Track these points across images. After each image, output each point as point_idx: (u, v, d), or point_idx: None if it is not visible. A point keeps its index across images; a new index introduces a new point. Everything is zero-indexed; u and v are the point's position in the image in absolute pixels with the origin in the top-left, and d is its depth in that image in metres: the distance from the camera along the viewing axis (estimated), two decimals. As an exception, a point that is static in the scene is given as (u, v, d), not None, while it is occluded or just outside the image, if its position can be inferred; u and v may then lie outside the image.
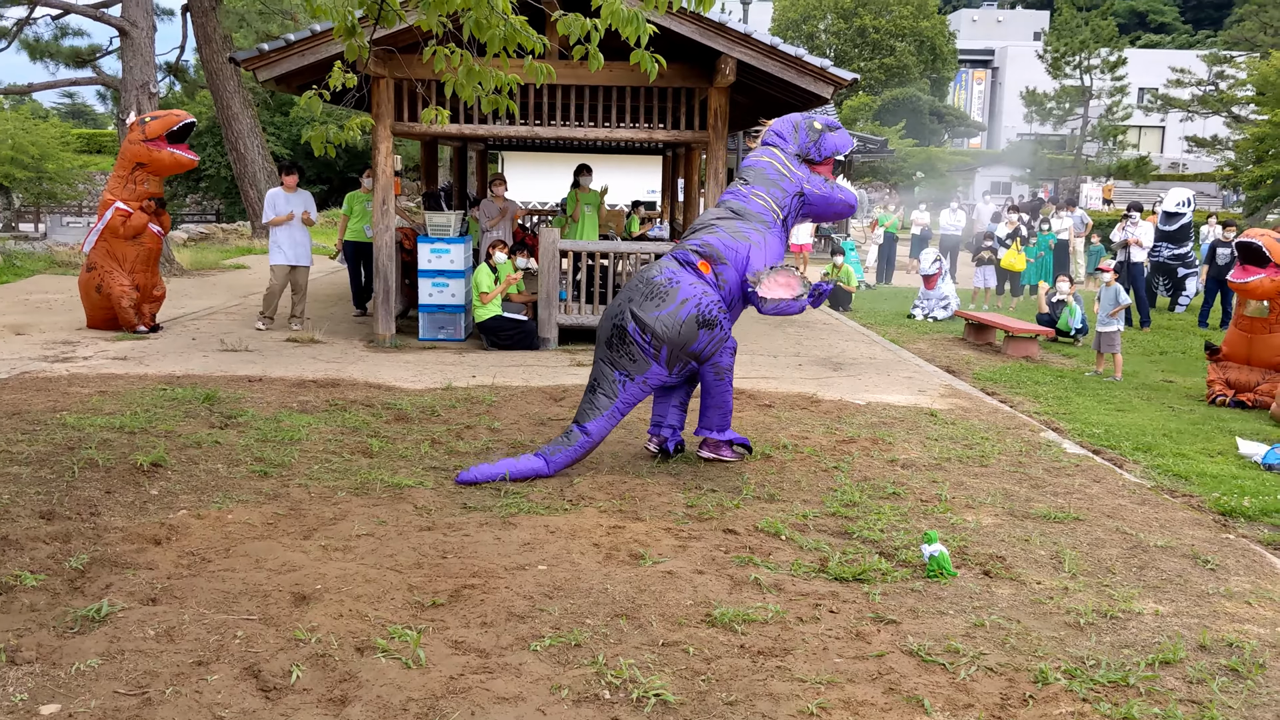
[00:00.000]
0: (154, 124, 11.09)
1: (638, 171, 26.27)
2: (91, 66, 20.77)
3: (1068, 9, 43.98)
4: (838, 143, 7.05)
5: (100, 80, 19.95)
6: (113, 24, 17.35)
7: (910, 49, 57.42)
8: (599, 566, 4.95)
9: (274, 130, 33.37)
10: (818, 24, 57.67)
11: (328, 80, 6.66)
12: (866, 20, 55.94)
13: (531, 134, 11.22)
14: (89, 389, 8.27)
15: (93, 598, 4.31)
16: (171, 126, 11.08)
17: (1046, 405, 9.56)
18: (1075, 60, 42.10)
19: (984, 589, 4.88)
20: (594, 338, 11.79)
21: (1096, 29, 41.66)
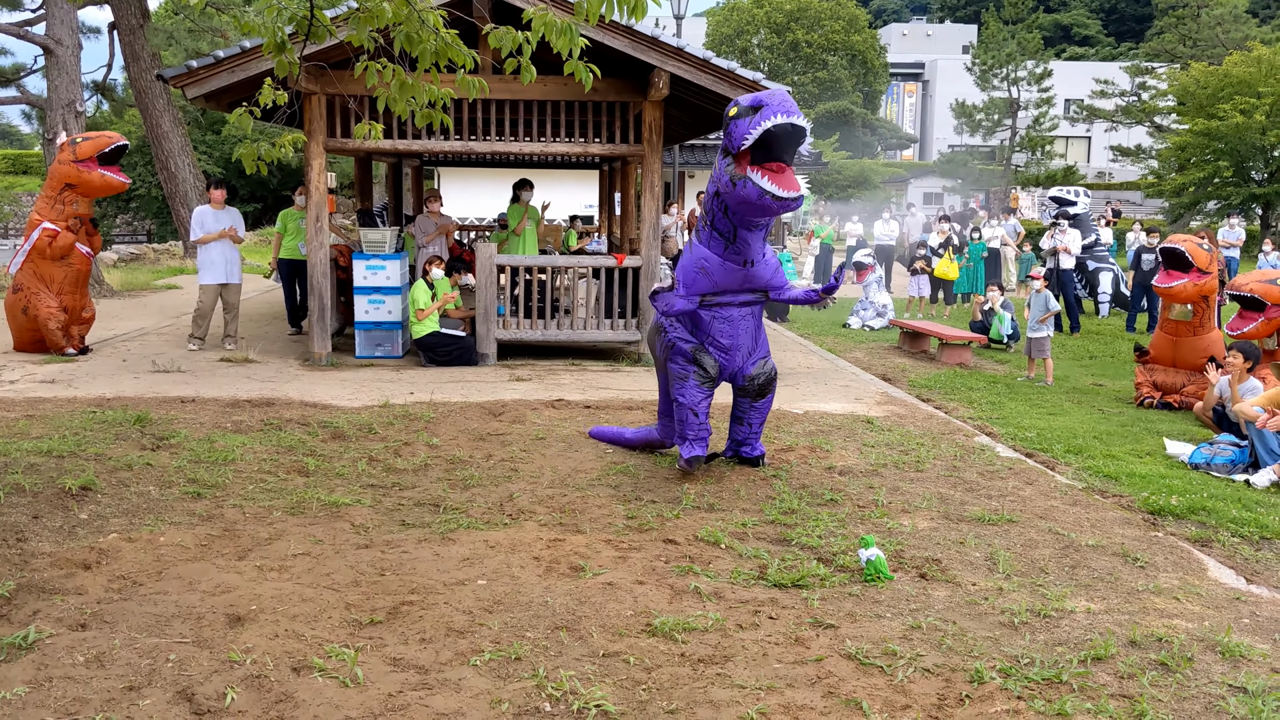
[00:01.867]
0: (85, 145, 10.90)
1: (574, 186, 26.27)
2: (15, 85, 20.33)
3: (994, 23, 44.78)
4: (747, 127, 6.02)
5: (25, 100, 19.53)
6: (36, 42, 17.02)
7: (842, 63, 58.20)
8: (539, 580, 4.94)
9: (205, 149, 32.94)
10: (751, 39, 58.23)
11: (258, 97, 6.60)
12: (799, 35, 56.62)
13: (466, 149, 11.17)
14: (15, 413, 8.08)
15: (19, 625, 4.21)
16: (103, 148, 10.90)
17: (980, 410, 9.71)
18: (1003, 73, 42.84)
19: (920, 591, 4.94)
20: (530, 353, 11.81)
21: (1023, 42, 42.44)
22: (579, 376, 10.60)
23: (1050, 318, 11.57)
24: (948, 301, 18.22)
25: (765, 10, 57.85)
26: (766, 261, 6.79)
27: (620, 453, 7.43)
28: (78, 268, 11.11)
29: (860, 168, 48.62)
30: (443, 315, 11.20)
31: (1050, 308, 11.55)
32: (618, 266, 11.47)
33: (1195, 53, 40.08)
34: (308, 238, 11.23)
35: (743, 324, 6.90)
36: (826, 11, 57.86)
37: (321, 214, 11.06)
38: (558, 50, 5.81)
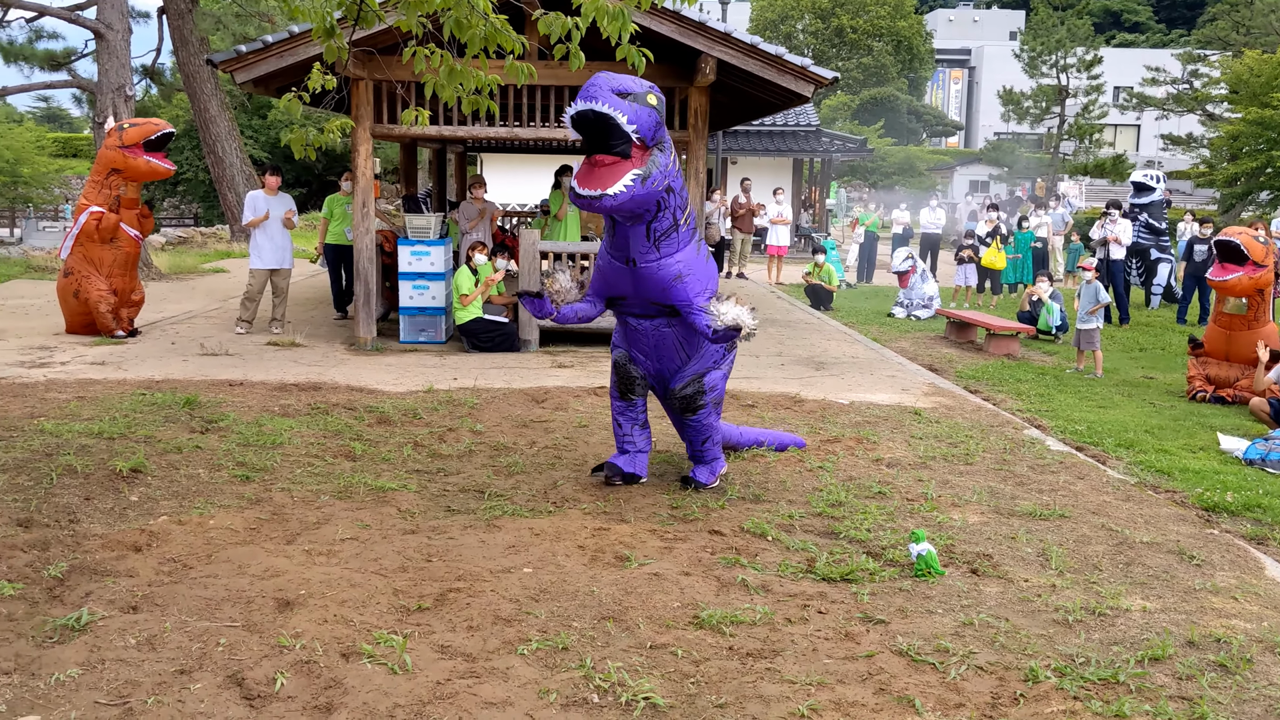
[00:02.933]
0: (132, 131, 11.00)
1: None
2: (67, 70, 20.59)
3: (1043, 9, 44.15)
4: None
5: (75, 84, 19.76)
6: (88, 27, 17.19)
7: (887, 49, 57.64)
8: (585, 569, 4.91)
9: (252, 133, 33.17)
10: (795, 24, 57.82)
11: (307, 82, 6.61)
12: (844, 20, 56.11)
13: (511, 135, 11.16)
14: (67, 394, 8.18)
15: (72, 606, 4.25)
16: (150, 135, 10.98)
17: (1029, 403, 9.59)
18: (1051, 59, 42.24)
19: (972, 587, 4.87)
20: (574, 339, 11.78)
21: (1072, 28, 41.84)
22: (622, 364, 10.56)
23: (1100, 309, 11.39)
24: (994, 291, 18.00)
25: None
26: (662, 266, 5.78)
27: (663, 441, 7.39)
28: (126, 250, 11.22)
29: (905, 155, 48.20)
30: (486, 301, 11.21)
31: (1100, 299, 11.37)
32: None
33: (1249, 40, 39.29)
34: (354, 223, 11.27)
35: (655, 335, 6.11)
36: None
37: (368, 200, 11.09)
38: (607, 35, 5.76)
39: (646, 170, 5.49)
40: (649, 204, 5.60)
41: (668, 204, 5.71)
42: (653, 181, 5.51)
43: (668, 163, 5.64)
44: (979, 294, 17.86)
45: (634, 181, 5.41)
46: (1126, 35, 71.43)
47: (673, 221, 5.78)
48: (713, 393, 6.17)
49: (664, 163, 5.59)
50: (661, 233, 5.75)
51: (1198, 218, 17.86)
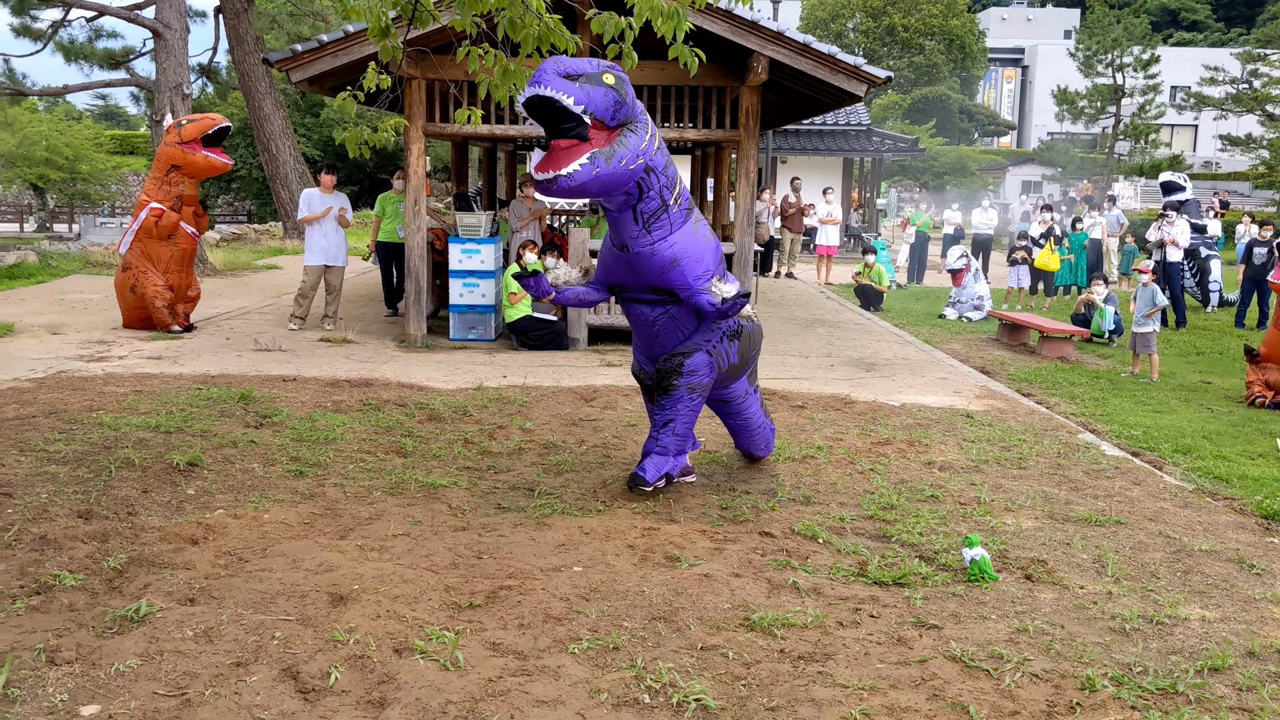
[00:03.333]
0: (190, 127, 11.15)
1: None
2: (125, 68, 20.93)
3: (1100, 7, 43.54)
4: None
5: (134, 82, 20.08)
6: (147, 26, 17.47)
7: (939, 47, 57.14)
8: (635, 568, 4.91)
9: (304, 131, 33.54)
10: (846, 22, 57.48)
11: (362, 81, 6.66)
12: (895, 19, 55.69)
13: (562, 134, 11.18)
14: (125, 388, 8.31)
15: (131, 598, 4.31)
16: (207, 130, 11.13)
17: (1083, 406, 9.46)
18: (1107, 58, 41.64)
19: (1026, 593, 4.81)
20: (623, 338, 11.79)
21: (1129, 27, 41.21)
22: (671, 363, 10.55)
23: (1157, 312, 11.21)
24: (1048, 293, 17.79)
25: (861, -6, 57.00)
26: (656, 250, 5.68)
27: (713, 441, 7.38)
28: (183, 247, 11.38)
29: (957, 154, 47.75)
30: (535, 300, 11.24)
31: (1157, 302, 11.20)
32: (712, 253, 11.38)
33: (1311, 39, 38.52)
34: (405, 221, 11.36)
35: (659, 324, 5.96)
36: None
37: (420, 198, 11.17)
38: (661, 35, 5.76)
39: (610, 150, 5.30)
40: (623, 185, 5.46)
41: (650, 184, 5.58)
42: (620, 160, 5.33)
43: (640, 142, 5.47)
44: (1031, 296, 17.65)
45: (590, 160, 5.24)
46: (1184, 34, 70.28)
47: (660, 202, 5.66)
48: (691, 376, 5.87)
49: (635, 143, 5.43)
50: (650, 214, 5.64)
51: (1257, 220, 17.53)
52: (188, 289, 11.57)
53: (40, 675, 3.66)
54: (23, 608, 4.19)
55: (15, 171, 32.93)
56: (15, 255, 17.19)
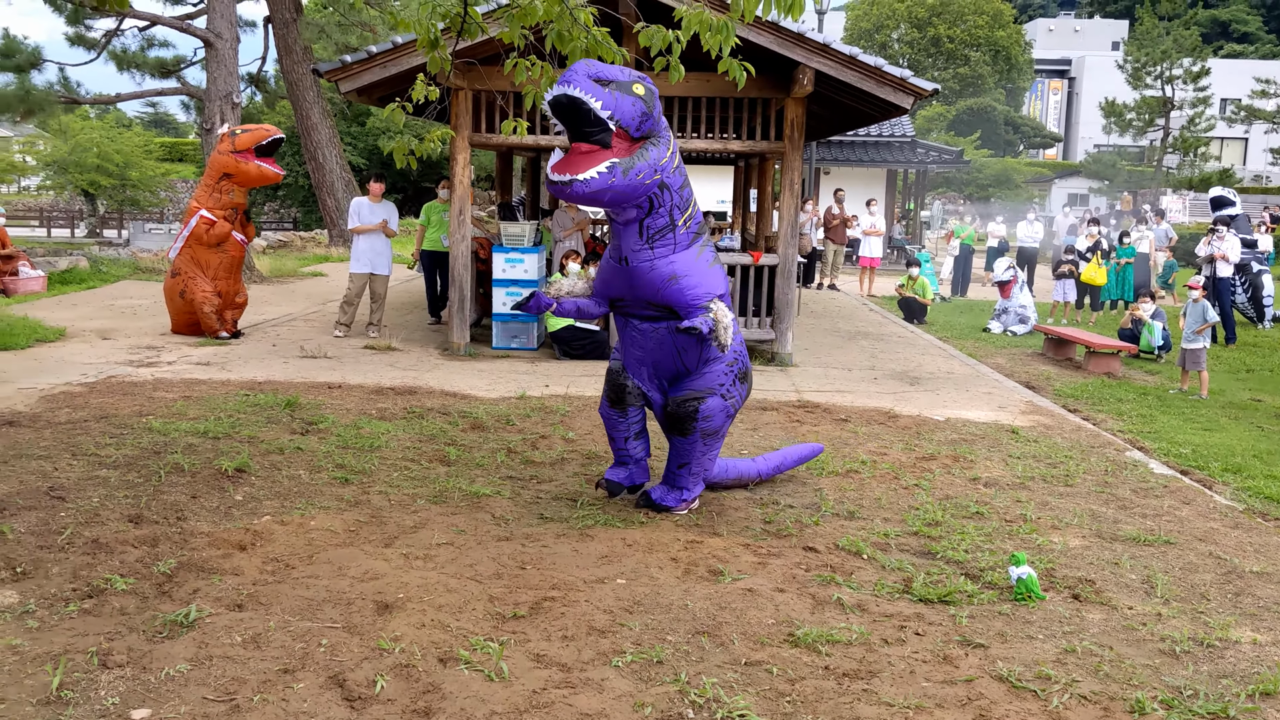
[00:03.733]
0: (244, 137, 11.29)
1: (708, 181, 26.20)
2: (176, 77, 21.23)
3: (1149, 18, 43.12)
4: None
5: (184, 90, 20.38)
6: (198, 35, 17.74)
7: (985, 58, 56.80)
8: (678, 582, 4.91)
9: (350, 140, 33.88)
10: (890, 33, 57.28)
11: (410, 92, 6.73)
12: (941, 30, 55.43)
13: (607, 144, 11.22)
14: (173, 394, 8.42)
15: (181, 602, 4.37)
16: (261, 140, 11.27)
17: (1131, 424, 9.34)
18: (1156, 71, 41.25)
19: (1074, 613, 4.75)
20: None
21: (1179, 39, 40.77)
22: (713, 374, 10.53)
23: (1207, 329, 11.06)
24: (1094, 308, 17.60)
25: (906, 4, 56.81)
26: (655, 265, 5.59)
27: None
28: (232, 254, 11.52)
29: (1002, 166, 47.42)
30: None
31: (1208, 318, 11.04)
32: (753, 264, 11.39)
33: (1367, 51, 37.87)
34: (450, 230, 11.44)
35: (653, 338, 5.84)
36: (970, 6, 56.54)
37: (465, 207, 11.24)
38: (708, 48, 5.77)
39: (630, 162, 5.23)
40: (635, 199, 5.40)
41: (662, 201, 5.52)
42: (638, 174, 5.27)
43: (659, 158, 5.41)
44: (1077, 310, 17.47)
45: (609, 170, 5.16)
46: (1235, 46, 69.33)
47: (669, 221, 5.59)
48: (706, 422, 5.81)
49: (656, 157, 5.37)
50: (656, 231, 5.57)
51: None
52: (235, 295, 11.71)
53: (93, 678, 3.71)
54: (75, 610, 4.26)
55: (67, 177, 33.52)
56: (68, 261, 17.48)
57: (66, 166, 32.91)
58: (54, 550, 4.88)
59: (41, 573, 4.63)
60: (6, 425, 7.15)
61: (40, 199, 43.25)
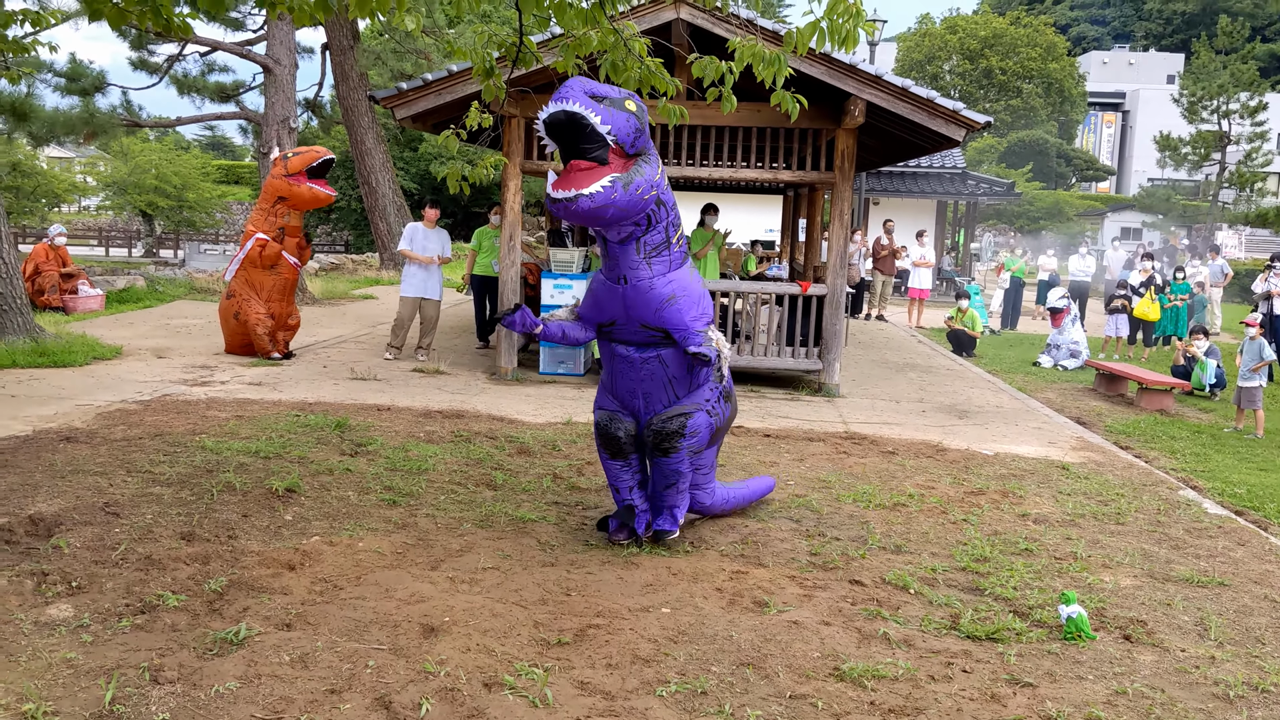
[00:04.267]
0: (295, 160, 11.48)
1: (756, 210, 26.24)
2: (235, 101, 21.64)
3: (1205, 52, 42.71)
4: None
5: (243, 115, 20.75)
6: (258, 61, 18.07)
7: (1037, 91, 56.49)
8: (723, 612, 4.89)
9: (403, 165, 34.31)
10: (942, 64, 57.15)
11: (465, 119, 6.82)
12: (993, 61, 55.22)
13: (657, 173, 11.28)
14: (226, 413, 8.54)
15: (231, 620, 4.42)
16: (312, 162, 11.45)
17: (1184, 462, 9.20)
18: (1212, 105, 40.79)
19: (1125, 654, 4.68)
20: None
21: (1236, 73, 40.31)
22: (757, 404, 10.53)
23: (1264, 367, 10.88)
24: (1146, 343, 17.37)
25: (958, 36, 56.71)
26: (654, 285, 5.50)
27: (802, 485, 7.32)
28: (285, 277, 11.69)
29: (1054, 199, 47.06)
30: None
31: (1264, 356, 10.87)
32: (802, 294, 11.37)
33: None
34: (500, 256, 11.53)
35: (645, 369, 5.71)
36: (1023, 38, 56.31)
37: (515, 233, 11.34)
38: (761, 79, 5.80)
39: (629, 177, 5.19)
40: (635, 214, 5.34)
41: (659, 218, 5.49)
42: (637, 189, 5.23)
43: (654, 174, 5.38)
44: (1130, 346, 17.25)
45: (611, 184, 5.10)
46: (1294, 80, 68.38)
47: (665, 238, 5.55)
48: (692, 438, 5.73)
49: (650, 173, 5.34)
50: (653, 248, 5.51)
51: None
52: (288, 317, 11.87)
53: (144, 693, 3.76)
54: (128, 625, 4.32)
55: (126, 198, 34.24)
56: (125, 280, 17.81)
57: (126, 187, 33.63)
58: (108, 565, 4.97)
59: (96, 587, 4.70)
60: (64, 441, 7.29)
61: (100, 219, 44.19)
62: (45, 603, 4.53)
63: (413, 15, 6.11)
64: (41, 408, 8.53)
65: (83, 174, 39.78)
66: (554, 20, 6.02)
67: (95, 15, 5.84)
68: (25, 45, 7.50)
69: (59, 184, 33.21)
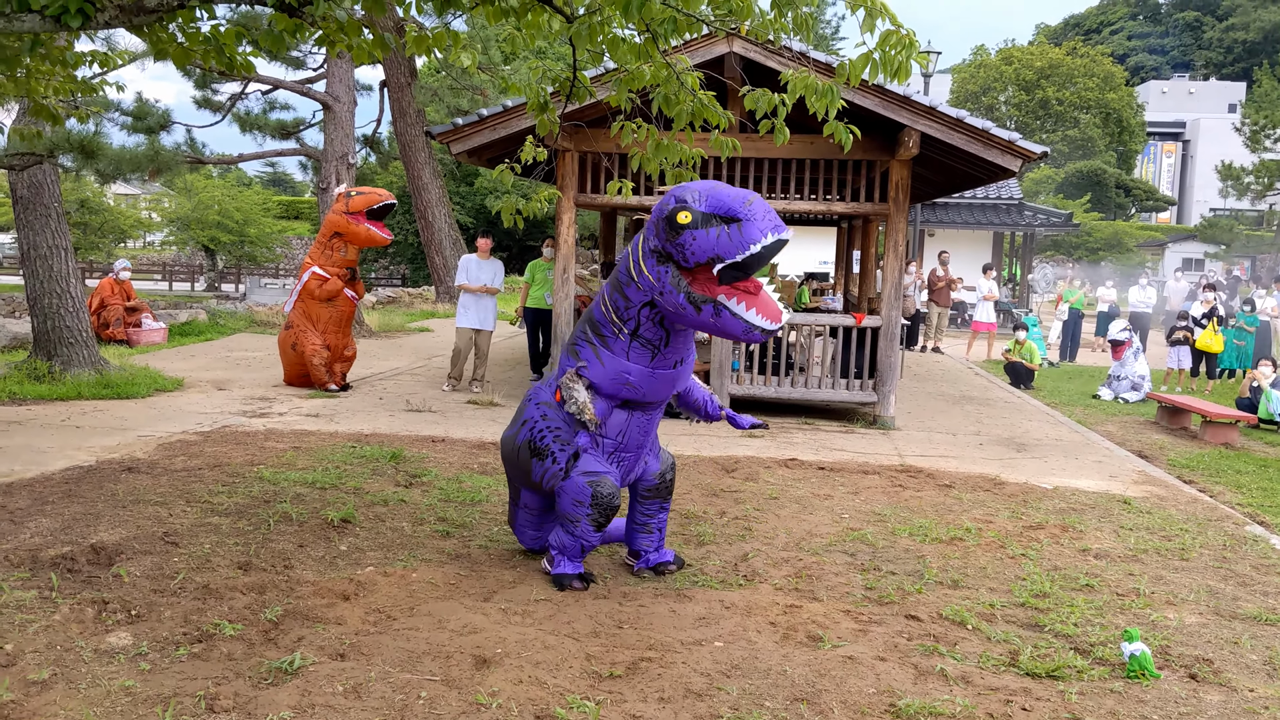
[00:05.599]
0: (358, 199, 11.68)
1: (810, 242, 26.20)
2: (295, 138, 22.05)
3: (1267, 80, 42.08)
4: (717, 244, 4.72)
5: (303, 151, 21.14)
6: (318, 99, 18.42)
7: (1095, 121, 55.96)
8: (776, 647, 4.84)
9: (459, 200, 34.71)
10: (998, 96, 56.82)
11: (520, 154, 6.89)
12: (1050, 92, 54.81)
13: (710, 206, 11.31)
14: (284, 444, 8.65)
15: (285, 650, 4.45)
16: (373, 204, 11.65)
17: (1250, 496, 8.98)
18: (1276, 133, 40.10)
19: (1190, 693, 4.56)
20: (766, 409, 11.75)
21: (1299, 100, 39.68)
22: (812, 436, 10.46)
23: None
24: (1210, 375, 17.03)
25: (1014, 67, 56.38)
26: (692, 352, 5.57)
27: (857, 518, 7.25)
28: (342, 309, 11.85)
29: (1113, 230, 46.45)
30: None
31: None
32: (856, 326, 11.31)
33: None
34: (554, 288, 11.60)
35: (649, 421, 5.63)
36: (1080, 69, 55.87)
37: (569, 266, 11.40)
38: (814, 111, 5.81)
39: None
40: None
41: None
42: None
43: None
44: (1193, 378, 16.92)
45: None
46: (1360, 107, 67.11)
47: None
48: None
49: None
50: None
51: None
52: (344, 349, 12.01)
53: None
54: (185, 654, 4.37)
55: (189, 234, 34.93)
56: (187, 314, 18.15)
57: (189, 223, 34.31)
58: (167, 595, 5.03)
59: (154, 616, 4.76)
60: (126, 471, 7.42)
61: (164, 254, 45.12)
62: (105, 631, 4.59)
63: (469, 52, 6.20)
64: (105, 438, 8.69)
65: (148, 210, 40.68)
66: (607, 55, 6.08)
67: (161, 55, 5.99)
68: (94, 85, 7.70)
69: (125, 220, 33.99)
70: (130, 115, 19.71)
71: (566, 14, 5.80)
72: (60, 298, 11.51)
